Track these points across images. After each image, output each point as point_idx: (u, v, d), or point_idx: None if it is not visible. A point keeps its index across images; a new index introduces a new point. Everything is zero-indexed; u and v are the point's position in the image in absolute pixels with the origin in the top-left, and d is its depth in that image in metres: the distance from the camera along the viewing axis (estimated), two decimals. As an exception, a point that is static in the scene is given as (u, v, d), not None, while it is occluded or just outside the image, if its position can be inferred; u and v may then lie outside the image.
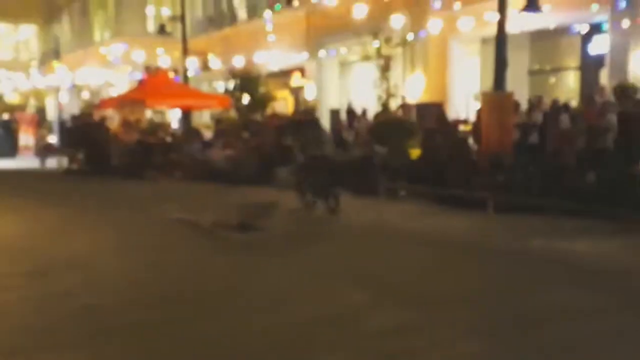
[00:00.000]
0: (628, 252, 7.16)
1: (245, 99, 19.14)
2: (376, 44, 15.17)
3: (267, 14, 21.05)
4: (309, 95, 19.93)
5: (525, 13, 12.21)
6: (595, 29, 13.78)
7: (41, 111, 33.83)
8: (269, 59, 20.40)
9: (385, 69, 15.14)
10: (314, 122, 12.20)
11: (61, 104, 31.97)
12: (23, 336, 4.51)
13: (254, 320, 4.82)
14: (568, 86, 15.18)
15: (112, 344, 4.34)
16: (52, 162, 21.67)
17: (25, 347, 4.29)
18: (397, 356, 4.07)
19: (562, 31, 14.50)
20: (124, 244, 8.01)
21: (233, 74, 19.66)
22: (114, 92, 25.08)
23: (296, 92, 21.14)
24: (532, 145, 12.26)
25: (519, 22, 12.97)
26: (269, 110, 18.98)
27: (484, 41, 15.03)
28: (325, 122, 17.47)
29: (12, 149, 28.43)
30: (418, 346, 4.22)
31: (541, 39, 15.05)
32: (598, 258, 6.85)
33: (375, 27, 15.23)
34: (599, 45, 13.77)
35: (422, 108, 14.84)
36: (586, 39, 14.28)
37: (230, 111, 19.32)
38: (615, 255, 6.99)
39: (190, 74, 21.31)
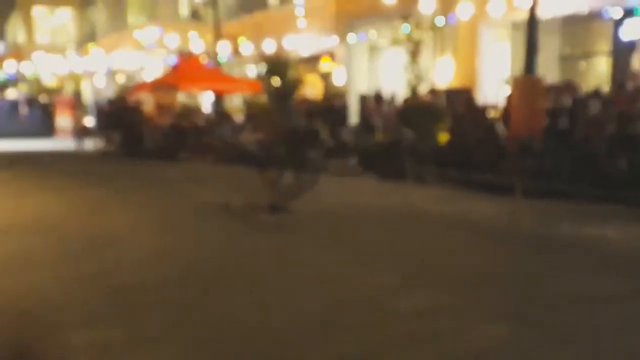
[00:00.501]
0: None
1: (276, 83, 19.26)
2: (406, 28, 15.16)
3: (299, -3, 21.09)
4: (338, 80, 20.00)
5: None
6: (628, 13, 13.56)
7: (77, 94, 34.50)
8: (299, 43, 20.49)
9: (414, 54, 15.14)
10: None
11: (97, 88, 32.58)
12: (62, 313, 4.60)
13: (284, 300, 4.90)
14: (599, 72, 15.00)
15: (149, 320, 4.45)
16: (88, 144, 22.16)
17: (64, 323, 4.39)
18: (426, 338, 4.14)
19: (594, 16, 14.29)
20: (158, 225, 8.21)
21: (263, 58, 19.81)
22: (148, 76, 25.46)
23: (325, 76, 21.22)
24: (562, 130, 12.20)
25: (551, 7, 12.86)
26: (298, 95, 19.08)
27: (515, 26, 14.92)
28: (354, 106, 17.60)
29: (49, 130, 29.21)
30: (447, 328, 4.28)
31: (572, 23, 14.86)
32: (627, 244, 6.83)
33: (405, 11, 15.21)
34: (632, 31, 13.56)
35: (451, 93, 14.83)
36: (618, 23, 14.06)
37: (261, 95, 19.49)
38: None
39: (222, 58, 21.53)
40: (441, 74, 16.20)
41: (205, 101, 23.72)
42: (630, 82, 11.86)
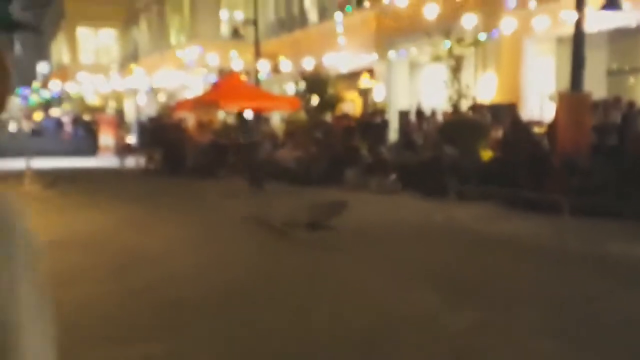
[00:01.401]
0: None
1: (315, 100, 19.34)
2: (447, 44, 15.03)
3: (338, 15, 21.19)
4: (378, 96, 19.94)
5: (604, 11, 11.85)
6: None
7: (120, 113, 35.22)
8: (339, 60, 20.53)
9: (456, 70, 14.96)
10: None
11: (139, 106, 33.20)
12: (106, 328, 4.66)
13: (326, 319, 4.84)
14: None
15: (189, 336, 4.44)
16: (130, 162, 22.55)
17: (109, 338, 4.42)
18: (470, 354, 4.09)
19: (643, 29, 13.95)
20: (198, 241, 8.24)
21: (303, 75, 19.90)
22: (189, 94, 25.83)
23: (365, 93, 21.18)
24: (610, 147, 11.87)
25: (597, 21, 12.57)
26: (337, 112, 19.11)
27: (560, 40, 14.65)
28: (394, 123, 17.48)
29: (92, 149, 29.84)
30: (490, 344, 4.22)
31: (620, 37, 14.51)
32: None
33: (446, 27, 15.08)
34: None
35: (494, 109, 14.61)
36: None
37: (300, 113, 19.57)
38: None
39: (261, 76, 21.70)
40: (483, 89, 15.99)
41: (246, 118, 23.90)
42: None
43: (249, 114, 18.41)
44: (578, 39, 11.34)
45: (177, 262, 6.87)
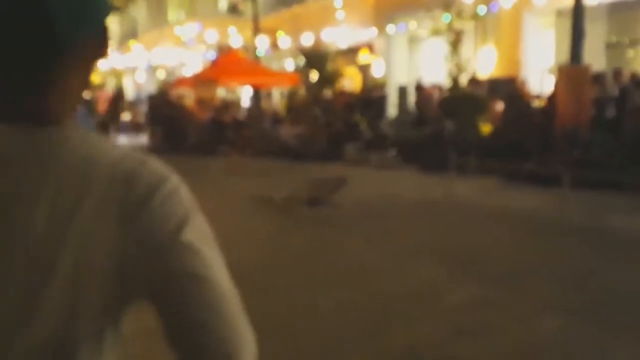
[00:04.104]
0: None
1: (314, 76, 19.26)
2: (447, 17, 14.91)
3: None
4: (377, 72, 19.84)
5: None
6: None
7: (119, 90, 35.03)
8: (338, 36, 20.39)
9: (456, 44, 14.87)
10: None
11: (138, 83, 33.01)
12: None
13: (329, 294, 4.84)
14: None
15: None
16: (133, 140, 22.47)
17: None
18: (475, 331, 4.08)
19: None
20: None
21: (302, 51, 19.79)
22: (188, 71, 25.68)
23: (364, 68, 21.08)
24: (610, 119, 11.87)
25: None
26: (337, 88, 19.05)
27: (559, 13, 14.52)
28: (393, 98, 17.44)
29: (92, 127, 29.70)
30: (496, 321, 4.22)
31: (620, 10, 14.39)
32: None
33: (446, 0, 14.96)
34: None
35: (494, 83, 14.56)
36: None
37: (300, 89, 19.50)
38: None
39: (260, 52, 21.58)
40: (483, 63, 15.90)
41: (245, 95, 23.83)
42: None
43: (248, 91, 18.36)
44: (578, 12, 11.27)
45: None
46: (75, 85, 0.91)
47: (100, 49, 0.93)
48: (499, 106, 12.85)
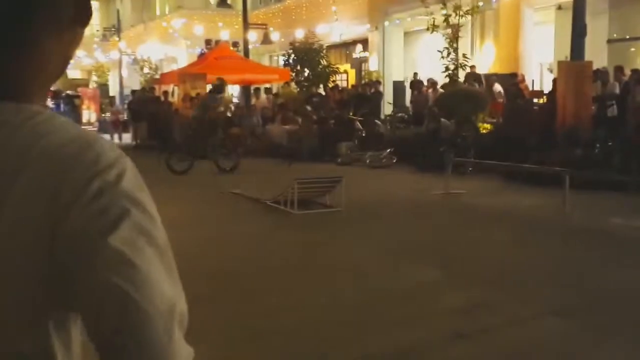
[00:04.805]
0: None
1: (306, 72, 18.83)
2: (444, 12, 14.51)
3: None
4: (372, 67, 19.46)
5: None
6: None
7: (103, 87, 34.48)
8: (331, 30, 20.00)
9: (453, 39, 14.48)
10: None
11: (123, 79, 32.46)
12: None
13: (322, 295, 4.75)
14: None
15: None
16: (117, 138, 22.04)
17: None
18: (472, 333, 4.01)
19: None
20: (185, 220, 7.93)
21: (293, 46, 19.34)
22: (175, 66, 25.22)
23: (358, 64, 20.70)
24: (611, 118, 11.57)
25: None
26: (330, 84, 18.63)
27: (560, 8, 14.22)
28: (389, 95, 17.06)
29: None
30: (493, 323, 4.16)
31: (621, 5, 14.09)
32: None
33: (443, -6, 14.58)
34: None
35: (492, 79, 14.21)
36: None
37: (291, 85, 19.07)
38: None
39: (250, 47, 21.14)
40: (481, 59, 15.55)
41: (234, 91, 23.39)
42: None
43: (237, 87, 17.93)
44: (578, 6, 10.98)
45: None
46: (46, 57, 0.79)
47: (77, 10, 0.80)
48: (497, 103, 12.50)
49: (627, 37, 14.57)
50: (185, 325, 0.79)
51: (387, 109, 16.64)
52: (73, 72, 36.05)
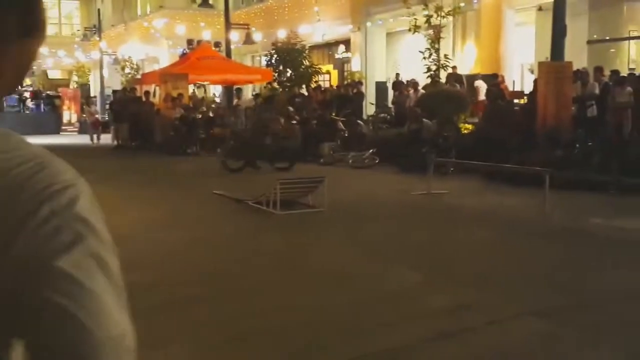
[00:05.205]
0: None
1: (289, 72, 18.79)
2: (426, 13, 14.55)
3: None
4: (354, 67, 19.47)
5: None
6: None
7: (84, 87, 34.12)
8: (313, 31, 19.97)
9: (435, 40, 14.53)
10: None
11: (104, 79, 32.18)
12: None
13: (305, 297, 4.71)
14: (630, 56, 14.40)
15: (161, 320, 4.19)
16: (97, 138, 21.79)
17: None
18: (454, 334, 4.00)
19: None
20: (167, 220, 7.88)
21: (276, 47, 19.28)
22: (157, 66, 25.03)
23: (341, 64, 20.69)
24: (591, 118, 11.68)
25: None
26: (312, 84, 18.61)
27: (540, 9, 14.33)
28: (372, 95, 17.07)
29: (56, 126, 28.65)
30: (475, 324, 4.16)
31: (601, 6, 14.23)
32: None
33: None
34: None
35: (473, 79, 14.29)
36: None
37: (274, 85, 19.02)
38: None
39: (233, 47, 21.06)
40: (463, 60, 15.62)
41: (216, 91, 23.30)
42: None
43: (219, 87, 17.82)
44: (559, 7, 11.05)
45: (144, 243, 6.53)
46: None
47: (24, 23, 0.75)
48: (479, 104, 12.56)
49: (607, 38, 14.72)
50: None
51: (369, 109, 16.65)
52: (53, 72, 35.66)
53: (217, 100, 21.62)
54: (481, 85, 13.94)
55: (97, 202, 0.79)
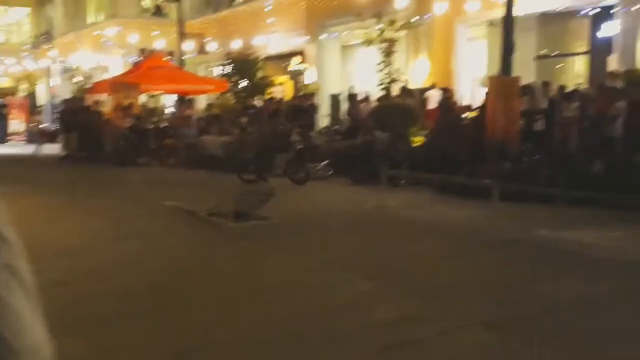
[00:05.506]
0: (635, 241, 7.01)
1: (243, 83, 18.71)
2: (379, 27, 14.70)
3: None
4: (309, 79, 19.51)
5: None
6: (606, 11, 13.34)
7: (32, 95, 33.26)
8: (268, 42, 19.96)
9: (388, 53, 14.69)
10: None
11: (53, 88, 31.43)
12: None
13: (254, 309, 4.69)
14: (576, 71, 14.82)
15: (109, 332, 4.16)
16: (46, 148, 21.23)
17: None
18: (401, 346, 4.02)
19: (571, 14, 14.08)
20: (117, 232, 7.75)
21: (230, 57, 19.18)
22: (108, 75, 24.59)
23: (295, 76, 20.71)
24: (539, 132, 11.94)
25: (527, 4, 12.57)
26: (267, 95, 18.56)
27: (491, 24, 14.63)
28: (326, 107, 17.11)
29: (2, 135, 27.76)
30: (422, 335, 4.18)
31: (549, 22, 14.63)
32: (604, 248, 6.73)
33: (378, 9, 14.77)
34: (609, 29, 13.35)
35: (425, 93, 14.47)
36: (596, 22, 13.85)
37: (227, 96, 18.89)
38: (621, 245, 6.84)
39: (186, 57, 20.86)
40: (415, 73, 15.82)
41: (168, 102, 23.01)
42: (608, 82, 11.63)
43: (172, 97, 17.62)
44: (508, 23, 11.30)
45: (95, 256, 6.46)
46: None
47: None
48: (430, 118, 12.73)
49: (554, 53, 15.13)
50: None
51: (324, 121, 16.69)
52: (0, 80, 34.67)
53: (170, 110, 21.34)
54: (432, 95, 14.15)
55: (6, 212, 0.78)
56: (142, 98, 20.29)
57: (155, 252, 6.66)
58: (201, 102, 22.15)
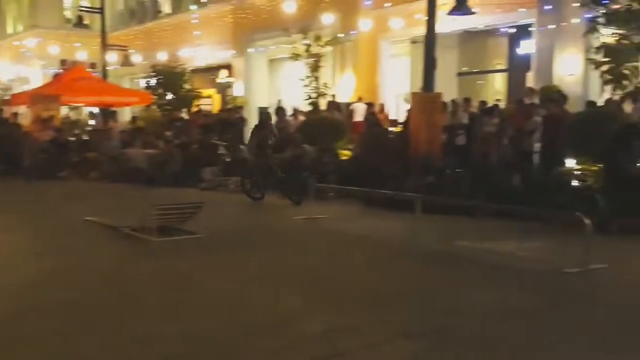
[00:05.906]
0: (550, 252, 7.26)
1: (169, 95, 18.44)
2: (305, 42, 14.87)
3: (193, 7, 20.43)
4: (237, 92, 19.44)
5: (453, 15, 12.26)
6: (524, 30, 13.98)
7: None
8: (195, 54, 19.78)
9: (314, 68, 14.86)
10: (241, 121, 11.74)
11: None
12: None
13: (180, 325, 4.59)
14: (495, 87, 15.40)
15: (23, 354, 4.03)
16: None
17: None
18: (327, 358, 4.02)
19: (490, 32, 14.66)
20: (33, 249, 7.44)
21: (155, 69, 18.87)
22: (28, 87, 23.71)
23: (223, 89, 20.58)
24: (460, 146, 12.32)
25: (449, 23, 13.00)
26: (193, 108, 18.36)
27: (414, 41, 15.02)
28: (254, 120, 17.06)
29: None
30: (348, 348, 4.20)
31: (470, 39, 15.18)
32: (523, 258, 6.93)
33: (304, 24, 14.94)
34: (526, 47, 13.98)
35: (351, 106, 14.69)
36: (514, 40, 14.48)
37: (153, 108, 18.56)
38: (539, 256, 7.08)
39: (109, 69, 20.37)
40: (342, 88, 16.05)
41: (91, 114, 22.39)
42: (526, 99, 12.16)
43: (94, 109, 17.14)
44: (429, 40, 11.62)
45: (11, 273, 6.18)
46: None
47: None
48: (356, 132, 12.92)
49: (475, 70, 15.70)
50: None
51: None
52: None
53: (92, 122, 20.76)
54: (358, 108, 14.38)
55: None
56: (64, 110, 19.67)
57: (76, 269, 6.40)
58: (125, 114, 21.67)
